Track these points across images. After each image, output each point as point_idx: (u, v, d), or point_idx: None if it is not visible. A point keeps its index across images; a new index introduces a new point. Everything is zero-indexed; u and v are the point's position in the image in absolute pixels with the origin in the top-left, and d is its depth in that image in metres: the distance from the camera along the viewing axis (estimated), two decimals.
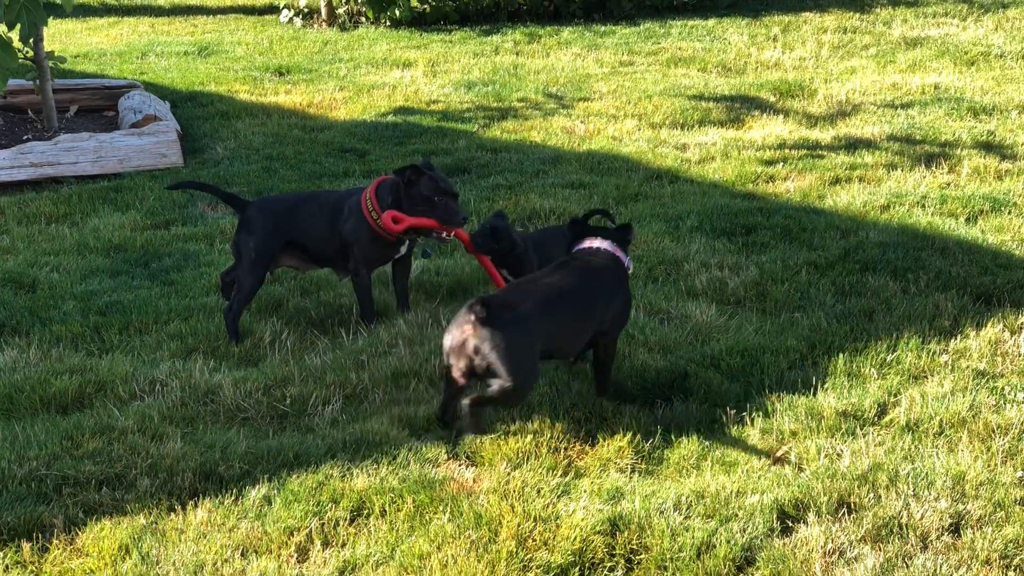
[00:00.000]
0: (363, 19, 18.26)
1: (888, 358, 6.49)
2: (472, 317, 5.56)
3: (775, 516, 5.08)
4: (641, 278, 7.81)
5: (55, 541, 5.09)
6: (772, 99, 12.81)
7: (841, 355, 6.51)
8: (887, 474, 5.33)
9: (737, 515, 5.09)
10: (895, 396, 6.09)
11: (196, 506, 5.32)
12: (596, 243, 6.32)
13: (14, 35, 10.95)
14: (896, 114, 11.94)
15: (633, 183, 9.84)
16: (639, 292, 7.52)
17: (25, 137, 11.73)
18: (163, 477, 5.54)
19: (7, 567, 4.91)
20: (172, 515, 5.27)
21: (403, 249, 7.26)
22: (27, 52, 11.79)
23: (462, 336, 5.61)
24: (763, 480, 5.38)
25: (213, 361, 6.85)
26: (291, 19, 18.74)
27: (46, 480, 5.52)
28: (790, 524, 5.07)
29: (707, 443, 5.75)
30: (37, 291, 8.01)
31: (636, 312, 7.24)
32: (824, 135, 11.28)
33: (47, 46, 12.18)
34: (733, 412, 6.01)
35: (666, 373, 6.43)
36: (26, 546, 5.02)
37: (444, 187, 6.96)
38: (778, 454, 5.63)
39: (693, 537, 4.89)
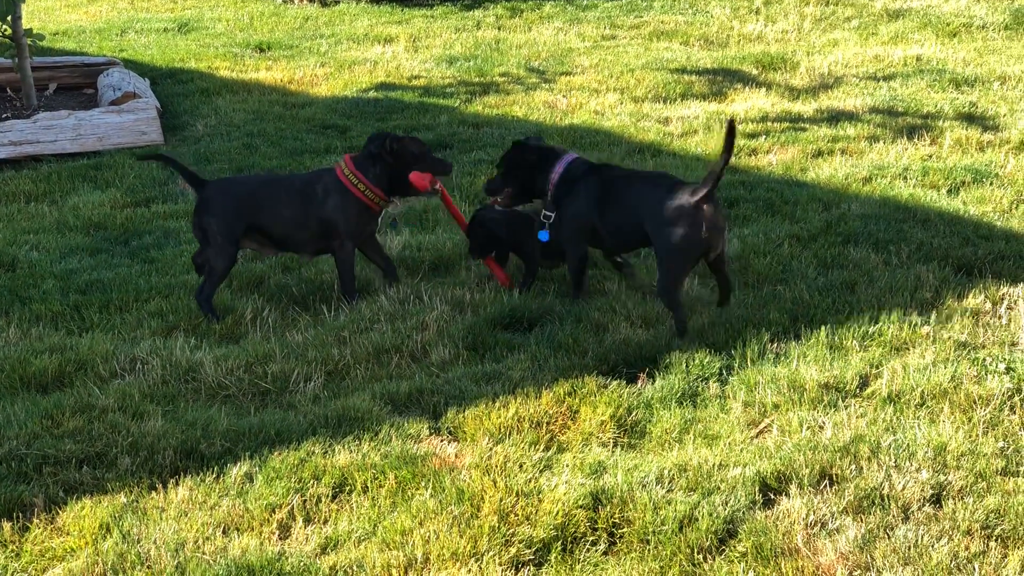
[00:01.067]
0: None
1: (870, 330, 6.48)
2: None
3: (757, 489, 5.07)
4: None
5: (35, 520, 5.07)
6: (754, 72, 12.80)
7: (823, 327, 6.50)
8: (869, 446, 5.33)
9: (719, 488, 5.09)
10: (877, 368, 6.08)
11: (177, 484, 5.30)
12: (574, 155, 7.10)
13: None
14: (878, 86, 11.94)
15: (615, 157, 9.81)
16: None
17: (4, 115, 11.67)
18: (144, 455, 5.52)
19: None
20: (153, 493, 5.25)
21: (378, 221, 7.43)
22: (5, 30, 11.73)
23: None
24: (745, 453, 5.38)
25: (194, 339, 6.82)
26: None
27: (26, 459, 5.49)
28: (772, 496, 5.07)
29: (690, 417, 5.75)
30: (17, 270, 7.97)
31: (618, 285, 7.23)
32: (806, 108, 11.27)
33: (25, 23, 12.09)
34: (716, 385, 6.00)
35: (648, 346, 6.42)
36: (6, 526, 5.00)
37: (424, 146, 7.36)
38: (760, 427, 5.63)
39: (675, 510, 4.88)
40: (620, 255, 7.35)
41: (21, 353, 6.59)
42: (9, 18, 11.55)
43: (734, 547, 4.74)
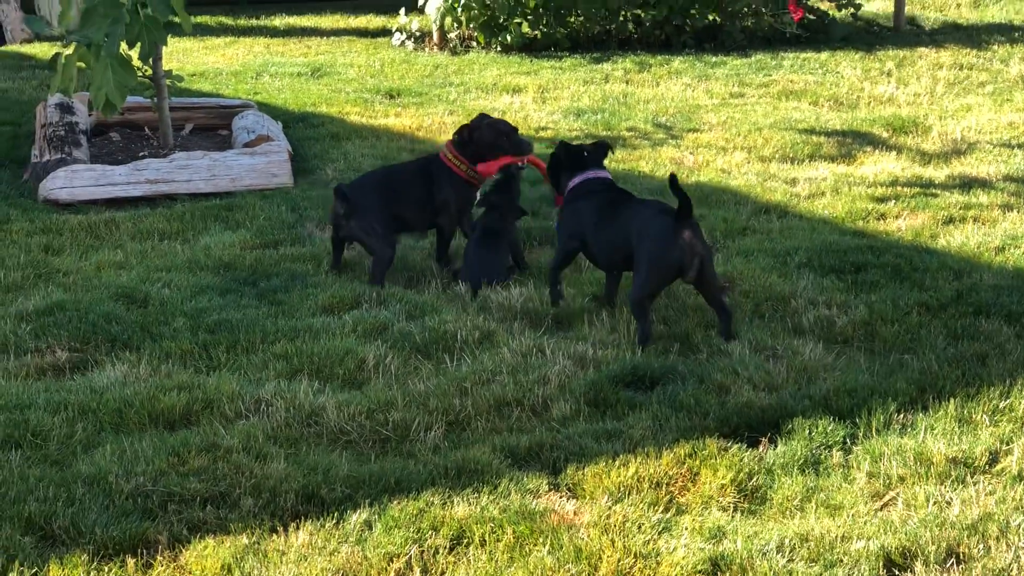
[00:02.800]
0: (474, 43, 18.34)
1: (1001, 404, 6.36)
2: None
3: (881, 564, 4.99)
4: (747, 314, 7.74)
5: (159, 557, 5.15)
6: (885, 135, 12.65)
7: (952, 400, 6.39)
8: (998, 525, 5.21)
9: (842, 560, 5.01)
10: (1007, 444, 5.96)
11: (298, 528, 5.36)
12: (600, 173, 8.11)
13: (134, 53, 11.14)
14: (1012, 154, 11.73)
15: (741, 217, 9.77)
16: (745, 328, 7.46)
17: (141, 154, 11.94)
18: (266, 497, 5.59)
19: None
20: (274, 536, 5.31)
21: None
22: (146, 70, 12.01)
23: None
24: (869, 526, 5.29)
25: (317, 383, 6.90)
26: (403, 42, 18.88)
27: (152, 496, 5.60)
28: (896, 573, 4.98)
29: (812, 485, 5.67)
30: (148, 307, 8.14)
31: (741, 348, 7.17)
32: (938, 173, 11.11)
33: (165, 64, 12.37)
34: (839, 454, 5.92)
35: (771, 411, 6.36)
36: (131, 561, 5.09)
37: (504, 128, 8.71)
38: (885, 500, 5.53)
39: None
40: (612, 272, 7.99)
41: (150, 390, 6.72)
42: (150, 60, 11.84)
43: None
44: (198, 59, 18.06)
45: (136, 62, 11.82)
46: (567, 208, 8.08)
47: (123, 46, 10.44)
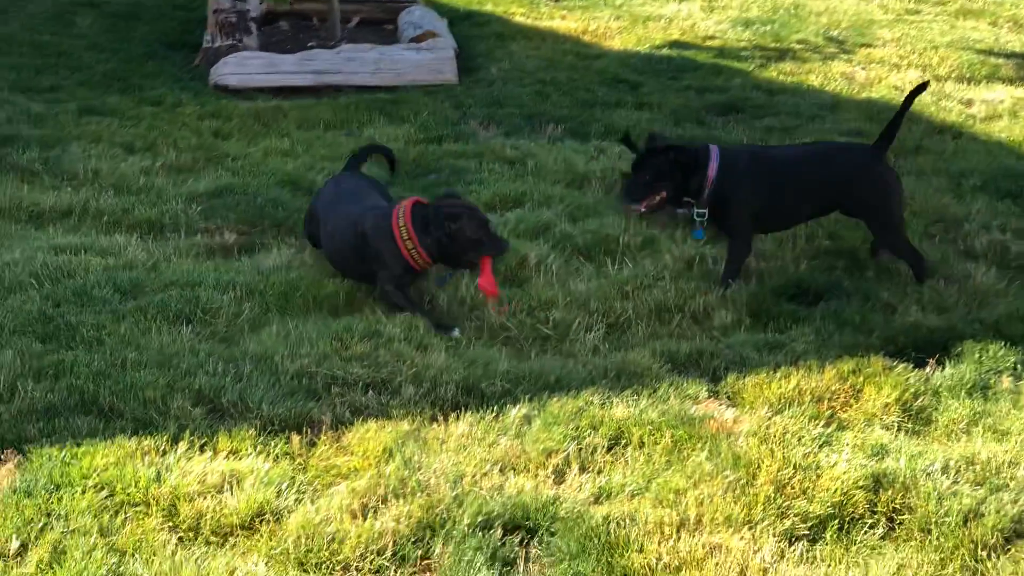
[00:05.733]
0: None
1: None
2: None
3: None
4: (917, 235, 7.55)
5: (322, 437, 5.24)
6: None
7: None
8: None
9: (1008, 485, 4.90)
10: None
11: (458, 418, 5.40)
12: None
13: None
14: None
15: (915, 135, 9.51)
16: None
17: (309, 44, 12.04)
18: (427, 387, 5.65)
19: (277, 456, 5.08)
20: (434, 425, 5.37)
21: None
22: None
23: None
24: None
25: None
26: None
27: (315, 378, 5.69)
28: None
29: (979, 409, 5.55)
30: (313, 194, 8.22)
31: (910, 268, 7.01)
32: None
33: None
34: (1009, 380, 5.78)
35: (939, 333, 6.23)
36: (295, 439, 5.19)
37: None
38: None
39: (961, 503, 4.72)
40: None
41: (316, 275, 6.81)
42: None
43: (1022, 547, 4.56)
44: None
45: None
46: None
47: None
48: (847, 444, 5.21)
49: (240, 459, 5.04)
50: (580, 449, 5.18)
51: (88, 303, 6.38)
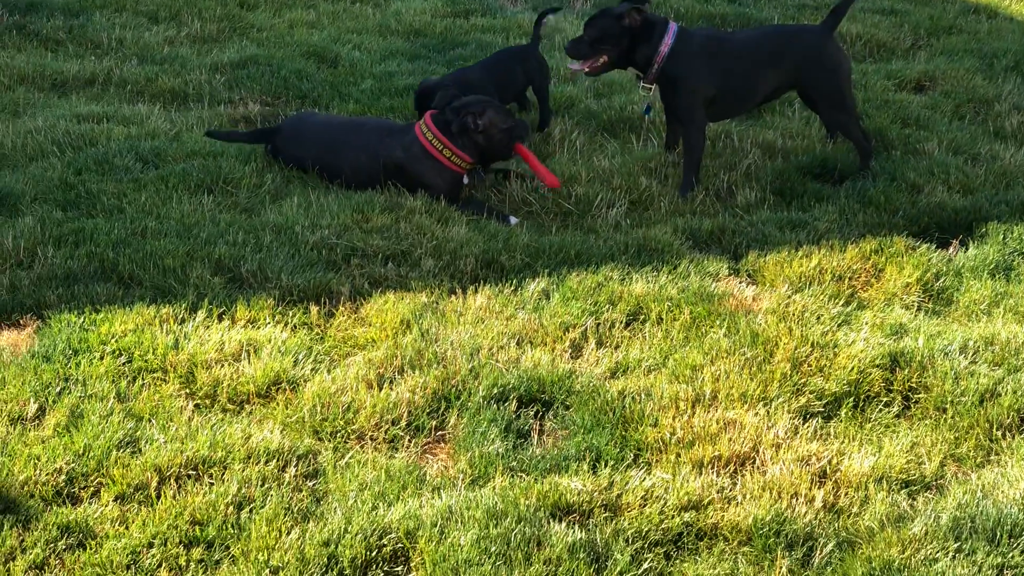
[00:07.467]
0: None
1: None
2: None
3: None
4: (947, 115, 7.46)
5: (341, 308, 5.25)
6: None
7: None
8: None
9: None
10: None
11: (476, 292, 5.40)
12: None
13: None
14: None
15: (948, 15, 9.34)
16: (944, 129, 7.19)
17: None
18: (446, 260, 5.64)
19: (295, 326, 5.10)
20: (453, 297, 5.37)
21: None
22: None
23: None
24: None
25: None
26: None
27: (335, 249, 5.69)
28: None
29: (1001, 290, 5.51)
30: (338, 67, 8.17)
31: (937, 149, 6.91)
32: None
33: None
34: None
35: (964, 213, 6.17)
36: (314, 309, 5.20)
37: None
38: None
39: (978, 383, 4.71)
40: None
41: None
42: None
43: None
44: None
45: None
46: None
47: None
48: (866, 323, 5.18)
49: (258, 328, 5.06)
50: (598, 324, 5.18)
51: (109, 171, 6.38)
